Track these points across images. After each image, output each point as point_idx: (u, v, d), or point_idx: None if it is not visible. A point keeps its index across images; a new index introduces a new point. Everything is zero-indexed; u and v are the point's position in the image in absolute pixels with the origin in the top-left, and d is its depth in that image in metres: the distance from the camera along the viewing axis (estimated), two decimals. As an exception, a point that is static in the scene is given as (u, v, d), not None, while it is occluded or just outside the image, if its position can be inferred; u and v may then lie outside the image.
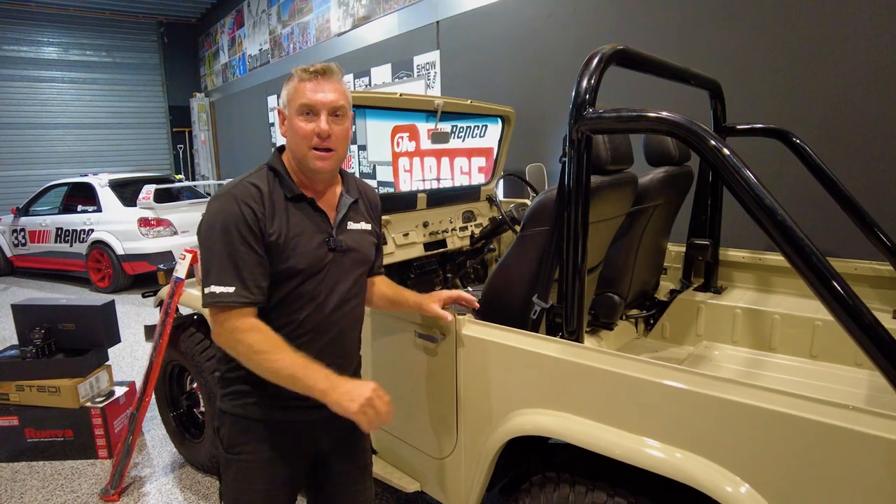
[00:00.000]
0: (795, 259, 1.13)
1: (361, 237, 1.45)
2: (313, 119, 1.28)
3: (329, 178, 1.40)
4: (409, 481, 1.82)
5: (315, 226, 1.35)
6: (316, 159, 1.31)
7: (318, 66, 1.30)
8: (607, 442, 1.29)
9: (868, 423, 1.01)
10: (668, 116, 1.27)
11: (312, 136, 1.28)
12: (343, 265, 1.39)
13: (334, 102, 1.29)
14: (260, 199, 1.29)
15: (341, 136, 1.33)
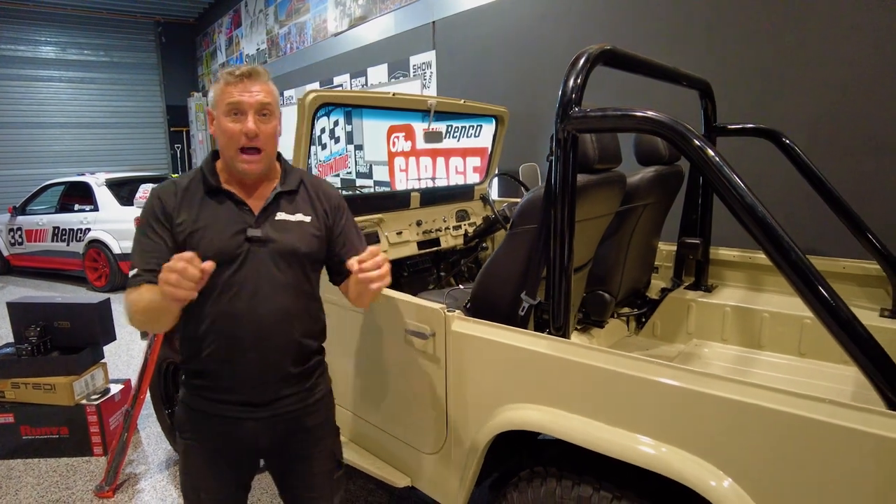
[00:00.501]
0: (776, 256, 1.15)
1: (291, 228, 1.41)
2: (240, 119, 1.31)
3: (261, 176, 1.41)
4: (399, 476, 1.84)
5: (232, 217, 1.37)
6: (243, 163, 1.33)
7: (244, 69, 1.33)
8: (593, 437, 1.31)
9: (845, 417, 1.03)
10: (653, 116, 1.29)
11: (241, 136, 1.31)
12: (262, 256, 1.37)
13: (261, 101, 1.31)
14: (174, 193, 1.37)
15: (269, 135, 1.35)
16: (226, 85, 1.31)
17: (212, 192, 1.38)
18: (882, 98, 2.51)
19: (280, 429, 1.45)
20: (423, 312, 1.67)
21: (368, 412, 1.99)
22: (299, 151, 2.08)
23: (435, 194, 2.89)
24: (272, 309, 1.37)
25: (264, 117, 1.33)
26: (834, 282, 2.26)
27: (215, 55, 10.73)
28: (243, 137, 1.30)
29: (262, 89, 1.33)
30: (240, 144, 1.31)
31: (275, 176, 1.45)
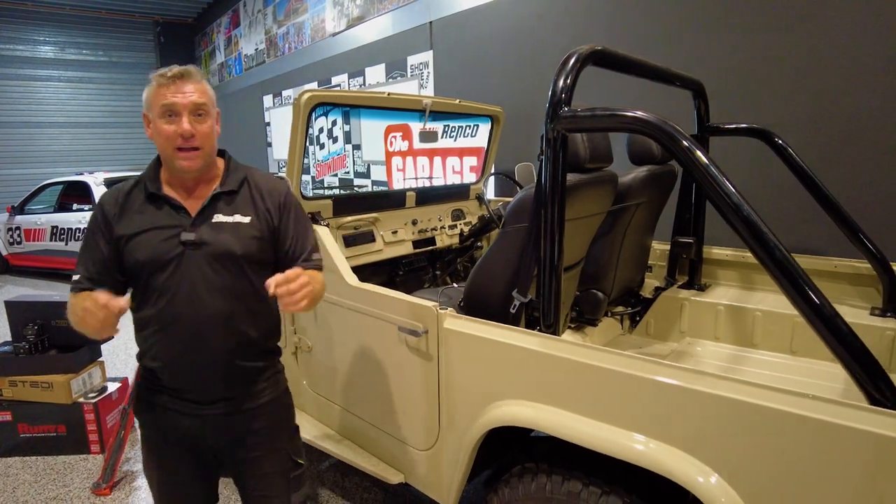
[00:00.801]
0: (761, 254, 1.17)
1: (227, 229, 1.40)
2: (175, 120, 1.31)
3: (200, 176, 1.41)
4: (393, 473, 1.86)
5: (169, 221, 1.38)
6: (181, 159, 1.34)
7: (176, 70, 1.34)
8: (582, 432, 1.32)
9: (827, 412, 1.04)
10: (641, 116, 1.31)
11: (176, 136, 1.31)
12: (198, 259, 1.37)
13: (195, 102, 1.32)
14: (115, 201, 1.41)
15: (205, 134, 1.35)
16: (158, 87, 1.32)
17: (151, 198, 1.40)
18: (873, 99, 2.52)
19: (226, 429, 1.47)
20: (415, 310, 1.69)
21: (362, 409, 2.01)
22: (294, 150, 2.09)
23: (430, 194, 2.91)
24: (209, 311, 1.38)
25: (199, 117, 1.34)
26: (826, 281, 2.30)
27: (214, 55, 10.75)
28: (179, 138, 1.31)
29: (196, 89, 1.33)
30: (176, 145, 1.32)
31: (216, 178, 1.45)
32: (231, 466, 1.55)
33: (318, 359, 2.18)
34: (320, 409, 2.23)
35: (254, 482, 1.54)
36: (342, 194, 2.60)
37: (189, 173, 1.38)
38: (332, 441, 2.08)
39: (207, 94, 1.36)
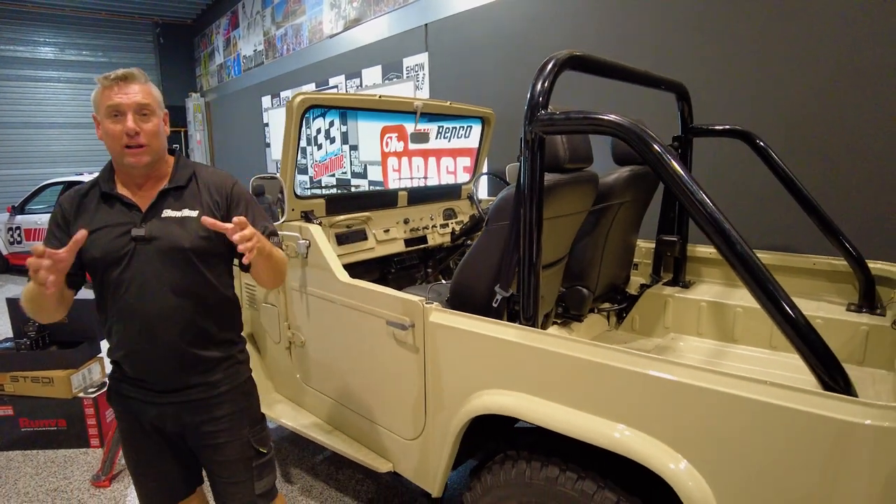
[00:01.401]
0: (723, 248, 1.23)
1: (175, 225, 1.46)
2: (121, 120, 1.39)
3: (149, 172, 1.48)
4: (382, 462, 1.92)
5: (121, 218, 1.45)
6: (129, 156, 1.42)
7: (120, 73, 1.42)
8: (558, 420, 1.39)
9: (783, 397, 1.11)
10: (612, 119, 1.38)
11: (122, 135, 1.39)
12: (148, 254, 1.43)
13: (138, 102, 1.40)
14: (73, 201, 1.49)
15: (151, 132, 1.43)
16: (104, 89, 1.40)
17: (104, 197, 1.48)
18: (851, 102, 2.59)
19: (185, 416, 1.54)
20: (402, 305, 1.76)
21: (352, 400, 2.08)
22: (287, 151, 2.16)
23: (423, 193, 2.98)
24: (159, 305, 1.44)
25: (144, 116, 1.41)
26: (804, 278, 2.36)
27: (213, 56, 10.81)
28: (125, 136, 1.39)
29: (140, 90, 1.41)
30: (123, 143, 1.40)
31: (165, 175, 1.52)
32: (197, 451, 1.62)
33: (311, 353, 2.25)
34: (313, 401, 2.29)
35: (217, 468, 1.61)
36: (334, 194, 2.67)
37: (136, 169, 1.45)
38: (323, 432, 2.15)
39: (152, 94, 1.44)
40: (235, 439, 1.59)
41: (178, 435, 1.59)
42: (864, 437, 1.02)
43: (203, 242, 1.48)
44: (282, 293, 2.33)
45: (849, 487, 1.05)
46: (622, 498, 1.36)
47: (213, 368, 1.55)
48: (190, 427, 1.56)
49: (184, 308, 1.47)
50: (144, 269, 1.44)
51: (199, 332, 1.51)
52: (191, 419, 1.54)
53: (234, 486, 1.61)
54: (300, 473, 2.74)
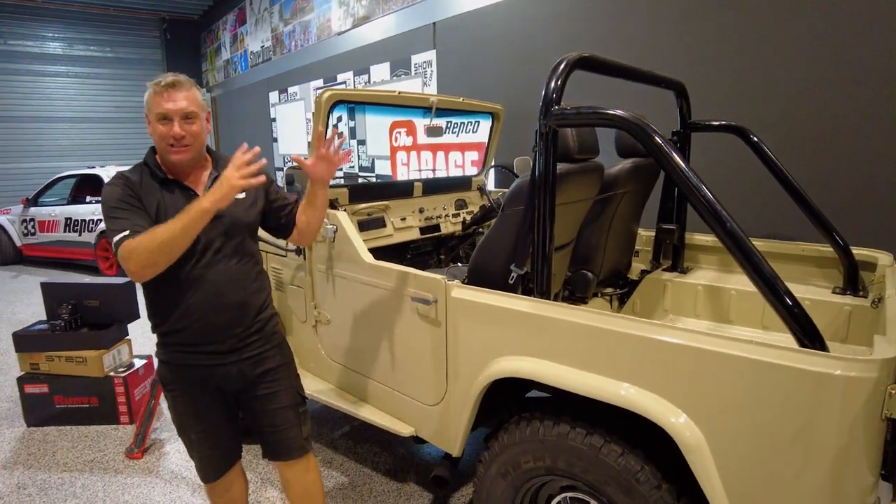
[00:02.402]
0: (715, 227, 1.41)
1: (235, 204, 1.65)
2: (168, 124, 1.58)
3: (192, 164, 1.68)
4: (404, 427, 2.10)
5: (184, 201, 1.62)
6: (173, 153, 1.61)
7: (169, 80, 1.59)
8: (570, 380, 1.56)
9: (765, 354, 1.28)
10: (618, 113, 1.55)
11: (169, 137, 1.58)
12: (213, 229, 1.63)
13: (184, 109, 1.58)
14: (131, 182, 1.63)
15: (194, 134, 1.62)
16: (154, 95, 1.59)
17: (162, 183, 1.66)
18: (838, 101, 2.76)
19: (247, 371, 1.74)
20: (426, 282, 1.93)
21: (376, 372, 2.25)
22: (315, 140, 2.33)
23: (436, 184, 3.15)
24: (224, 272, 1.67)
25: (188, 120, 1.60)
26: (793, 263, 2.54)
27: (220, 52, 10.95)
28: (171, 138, 1.58)
29: (186, 97, 1.59)
30: (169, 143, 1.59)
31: (207, 164, 1.74)
32: (248, 407, 1.80)
33: (336, 330, 2.42)
34: (337, 375, 2.47)
35: (269, 418, 1.79)
36: (357, 184, 2.84)
37: (181, 165, 1.65)
38: (348, 402, 2.33)
39: (196, 100, 1.62)
40: (287, 388, 1.82)
41: (235, 396, 1.79)
42: (835, 385, 1.20)
43: (253, 217, 1.76)
44: (308, 275, 2.50)
45: (823, 428, 1.22)
46: (626, 450, 1.53)
47: (266, 324, 1.79)
48: (251, 381, 1.76)
49: (243, 272, 1.72)
50: (211, 242, 1.65)
51: (255, 293, 1.75)
52: (251, 372, 1.75)
53: (286, 431, 1.81)
54: (321, 447, 2.92)
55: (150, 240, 1.49)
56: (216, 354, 1.71)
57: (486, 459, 1.83)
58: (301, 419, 1.86)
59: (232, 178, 1.52)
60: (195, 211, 1.50)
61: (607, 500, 1.58)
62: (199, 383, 1.74)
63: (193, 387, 1.74)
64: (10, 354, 4.49)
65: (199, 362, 1.71)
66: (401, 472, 2.71)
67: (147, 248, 1.49)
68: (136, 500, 2.55)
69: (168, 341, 1.72)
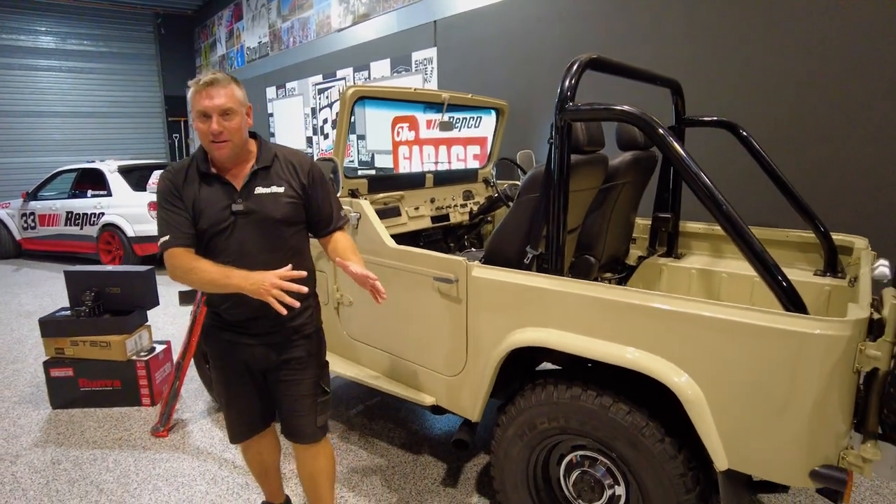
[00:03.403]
0: (711, 208, 1.60)
1: (267, 199, 1.74)
2: (207, 121, 1.64)
3: (235, 159, 1.74)
4: (425, 397, 2.28)
5: (221, 195, 1.72)
6: (214, 149, 1.69)
7: (208, 78, 1.65)
8: (581, 346, 1.75)
9: (755, 317, 1.48)
10: (626, 109, 1.74)
11: (209, 133, 1.65)
12: (246, 224, 1.72)
13: (222, 106, 1.63)
14: (177, 175, 1.75)
15: (233, 130, 1.67)
16: (195, 93, 1.66)
17: (204, 177, 1.75)
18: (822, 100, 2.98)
19: (272, 355, 1.86)
20: (447, 263, 2.11)
21: (397, 348, 2.43)
22: (340, 136, 2.50)
23: (445, 176, 3.33)
24: (256, 264, 1.70)
25: (227, 116, 1.65)
26: (779, 248, 2.75)
27: (215, 47, 11.01)
28: (210, 135, 1.65)
29: (223, 94, 1.64)
30: (209, 139, 1.67)
31: (251, 157, 1.78)
32: (273, 387, 1.94)
33: (358, 311, 2.59)
34: (360, 353, 2.64)
35: (289, 402, 1.90)
36: (375, 175, 3.01)
37: (221, 160, 1.72)
38: (371, 377, 2.50)
39: (234, 96, 1.67)
40: (307, 377, 1.90)
41: (262, 374, 1.92)
42: (816, 342, 1.40)
43: (289, 213, 1.79)
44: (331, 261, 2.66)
45: (805, 381, 1.43)
46: (632, 408, 1.73)
47: (296, 316, 1.86)
48: (273, 364, 1.88)
49: (275, 266, 1.70)
50: (243, 236, 1.75)
51: None
52: (275, 357, 1.87)
53: (300, 417, 1.91)
54: (337, 425, 3.09)
55: (188, 269, 1.68)
56: (245, 335, 1.84)
57: (503, 423, 2.02)
58: (317, 409, 1.93)
59: (268, 287, 1.57)
60: (228, 280, 1.63)
61: (616, 454, 1.78)
62: (231, 357, 1.89)
63: (226, 358, 1.90)
64: (26, 343, 4.62)
65: (231, 339, 1.86)
66: (415, 445, 2.89)
67: (183, 271, 1.69)
68: (167, 473, 2.70)
69: (213, 320, 1.90)
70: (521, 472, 2.02)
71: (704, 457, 1.67)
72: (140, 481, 2.64)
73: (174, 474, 2.69)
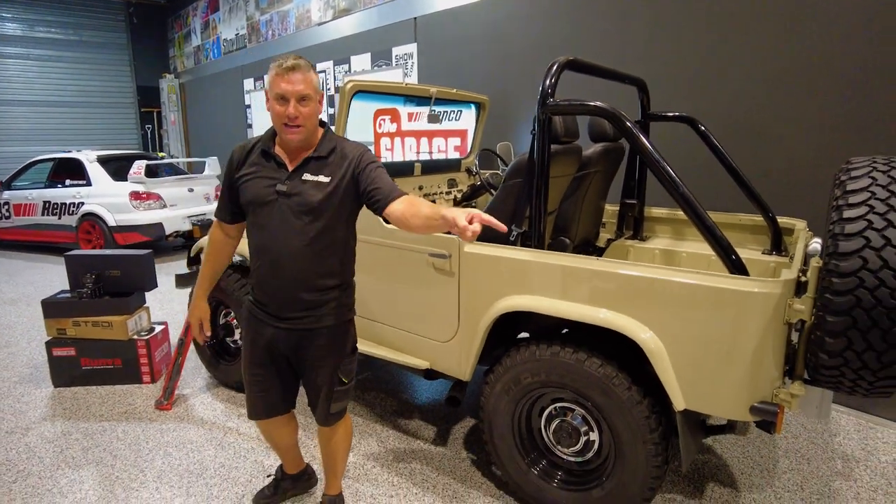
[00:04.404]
0: (678, 198, 1.88)
1: (311, 186, 1.79)
2: (285, 104, 1.70)
3: (302, 144, 1.80)
4: (420, 361, 2.54)
5: (271, 173, 1.82)
6: (288, 133, 1.75)
7: (290, 63, 1.69)
8: (561, 308, 2.03)
9: (705, 280, 1.78)
10: (599, 105, 2.01)
11: (284, 117, 1.71)
12: (285, 205, 1.79)
13: (301, 92, 1.69)
14: (242, 151, 1.90)
15: (308, 116, 1.73)
16: (275, 76, 1.70)
17: (265, 154, 1.85)
18: (772, 98, 3.32)
19: (293, 339, 1.91)
20: (442, 241, 2.37)
21: (392, 319, 2.67)
22: (339, 126, 2.72)
23: (432, 165, 3.58)
24: (286, 247, 1.79)
25: (303, 102, 1.71)
26: (733, 231, 3.09)
27: (189, 38, 10.98)
28: (286, 118, 1.71)
29: (303, 80, 1.69)
30: (284, 122, 1.72)
31: (311, 144, 1.83)
32: (296, 367, 2.01)
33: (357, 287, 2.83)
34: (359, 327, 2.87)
35: (308, 385, 2.01)
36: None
37: (293, 144, 1.79)
38: (370, 346, 2.74)
39: (311, 83, 1.72)
40: (325, 366, 1.95)
41: (285, 358, 1.98)
42: (755, 299, 1.70)
43: (325, 202, 1.79)
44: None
45: (746, 332, 1.73)
46: (604, 362, 2.01)
47: (321, 306, 1.89)
48: (294, 350, 1.94)
49: (304, 253, 1.81)
50: (282, 216, 1.79)
51: (313, 274, 1.85)
52: (296, 342, 1.92)
53: (317, 403, 2.01)
54: (332, 396, 3.32)
55: (208, 241, 2.11)
56: (271, 316, 1.91)
57: (492, 380, 2.29)
58: (332, 397, 1.98)
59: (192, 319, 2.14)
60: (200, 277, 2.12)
61: (591, 402, 2.07)
62: (258, 334, 1.95)
63: (254, 335, 1.96)
64: (16, 328, 4.70)
65: (260, 317, 1.94)
66: (406, 412, 3.15)
67: (207, 241, 2.12)
68: (176, 440, 2.90)
69: (251, 290, 1.98)
70: (507, 424, 2.29)
71: (665, 402, 1.98)
72: (151, 448, 2.83)
73: (182, 441, 2.89)
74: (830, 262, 1.58)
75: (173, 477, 2.58)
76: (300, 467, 2.41)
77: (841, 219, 1.59)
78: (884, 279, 1.50)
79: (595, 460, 2.22)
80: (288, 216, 1.80)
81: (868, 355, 1.57)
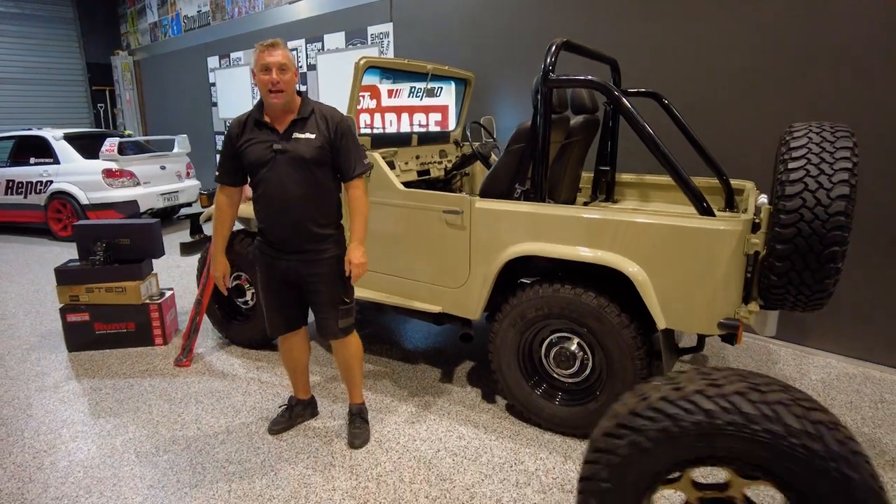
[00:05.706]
0: (655, 152, 2.29)
1: (301, 143, 2.22)
2: (268, 73, 2.15)
3: (285, 109, 2.23)
4: (432, 306, 2.90)
5: (266, 137, 2.25)
6: (272, 98, 2.18)
7: (270, 41, 2.18)
8: (561, 251, 2.43)
9: (681, 220, 2.21)
10: (593, 79, 2.39)
11: (269, 83, 2.15)
12: (282, 160, 2.23)
13: (280, 62, 2.15)
14: (238, 124, 2.32)
15: (287, 82, 2.18)
16: (260, 52, 2.17)
17: (257, 123, 2.28)
18: (728, 72, 3.80)
19: (300, 269, 2.36)
20: (454, 200, 2.72)
21: (404, 271, 3.01)
22: (352, 102, 3.01)
23: (426, 137, 3.90)
24: (289, 195, 2.25)
25: (283, 71, 2.16)
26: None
27: (144, 14, 10.71)
28: (270, 84, 2.15)
29: (281, 54, 2.16)
30: (268, 88, 2.16)
31: (295, 109, 2.28)
32: (305, 296, 2.47)
33: (372, 245, 3.14)
34: (374, 280, 3.19)
35: (316, 308, 2.44)
36: (376, 134, 3.53)
37: (277, 107, 2.21)
38: (385, 296, 3.08)
39: (288, 56, 2.19)
40: (329, 289, 2.40)
41: (296, 284, 2.43)
42: (721, 235, 2.14)
43: (316, 155, 2.25)
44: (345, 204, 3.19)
45: (713, 263, 2.17)
46: (598, 294, 2.43)
47: (321, 241, 2.35)
48: (303, 276, 2.38)
49: (304, 197, 2.27)
50: (280, 170, 2.24)
51: (313, 215, 2.30)
52: (304, 271, 2.36)
53: (326, 320, 2.44)
54: (340, 349, 3.64)
55: (216, 205, 2.48)
56: (279, 251, 2.36)
57: (500, 317, 2.68)
58: (339, 314, 2.43)
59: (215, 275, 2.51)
60: (214, 234, 2.50)
61: (587, 328, 2.48)
62: (270, 267, 2.41)
63: (267, 268, 2.42)
64: (7, 304, 4.75)
65: (269, 253, 2.39)
66: (411, 358, 3.51)
67: (215, 204, 2.48)
68: (202, 390, 3.16)
69: (260, 233, 2.42)
70: (513, 354, 2.69)
71: (647, 327, 2.41)
72: (181, 398, 3.08)
73: (209, 391, 3.15)
74: (779, 202, 2.03)
75: (210, 419, 2.86)
76: (309, 394, 2.81)
77: (787, 169, 2.04)
78: (817, 214, 1.95)
79: (589, 379, 2.65)
80: (286, 169, 2.24)
81: (806, 274, 2.03)
